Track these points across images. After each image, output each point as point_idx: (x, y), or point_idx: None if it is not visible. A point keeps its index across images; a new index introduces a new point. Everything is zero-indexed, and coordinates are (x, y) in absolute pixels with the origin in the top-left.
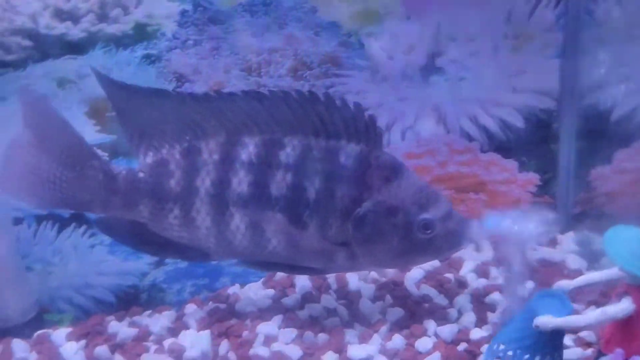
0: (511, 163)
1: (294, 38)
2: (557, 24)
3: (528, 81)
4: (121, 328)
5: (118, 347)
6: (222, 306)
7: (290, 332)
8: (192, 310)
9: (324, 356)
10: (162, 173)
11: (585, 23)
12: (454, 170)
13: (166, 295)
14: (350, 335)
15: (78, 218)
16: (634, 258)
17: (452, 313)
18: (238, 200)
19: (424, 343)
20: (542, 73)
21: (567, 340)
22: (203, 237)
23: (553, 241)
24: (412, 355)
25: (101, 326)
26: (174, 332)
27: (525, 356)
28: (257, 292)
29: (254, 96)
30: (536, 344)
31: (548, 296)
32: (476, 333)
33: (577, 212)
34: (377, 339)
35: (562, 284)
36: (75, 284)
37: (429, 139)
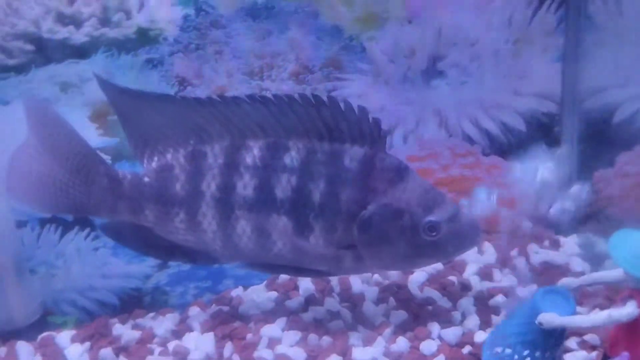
0: (513, 165)
1: (296, 42)
2: (558, 28)
3: (529, 85)
4: (125, 330)
5: (122, 350)
6: (226, 309)
7: (294, 335)
8: (196, 312)
9: (328, 359)
10: (168, 177)
11: (585, 27)
12: (457, 173)
13: (169, 297)
14: (354, 338)
15: (81, 221)
16: (639, 261)
17: (456, 316)
18: (243, 203)
19: (428, 346)
20: (544, 77)
21: (572, 343)
22: (209, 241)
23: (556, 243)
24: (417, 358)
25: (105, 329)
26: (178, 335)
27: (525, 352)
28: (260, 295)
29: (259, 100)
30: (537, 340)
31: (552, 293)
32: (480, 336)
33: (580, 215)
34: (381, 342)
35: (567, 282)
36: (78, 287)
37: (431, 143)
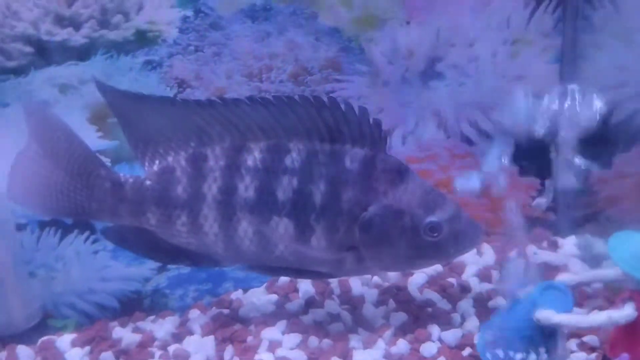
0: (512, 167)
1: (295, 44)
2: (555, 29)
3: (527, 86)
4: (125, 334)
5: (123, 353)
6: (226, 311)
7: (294, 338)
8: (196, 315)
9: None
10: (169, 180)
11: (582, 28)
12: (455, 174)
13: (169, 300)
14: (354, 340)
15: (81, 224)
16: (639, 263)
17: (456, 318)
18: (245, 205)
19: (429, 348)
20: (541, 77)
21: (572, 344)
22: (211, 243)
23: (554, 244)
24: None
25: (105, 332)
26: (178, 338)
27: (521, 345)
28: (260, 298)
29: (259, 102)
30: (534, 336)
31: (551, 288)
32: None
33: (579, 216)
34: (382, 344)
35: (566, 278)
36: (78, 290)
37: (430, 144)
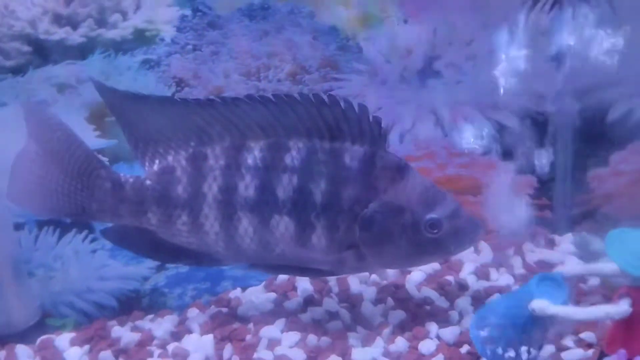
0: (509, 165)
1: (293, 42)
2: (552, 28)
3: (524, 84)
4: (124, 333)
5: (122, 352)
6: (224, 310)
7: (293, 336)
8: (195, 314)
9: (328, 359)
10: (169, 180)
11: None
12: (453, 172)
13: (167, 299)
14: (353, 338)
15: (79, 223)
16: (636, 260)
17: (454, 315)
18: (245, 204)
19: (427, 345)
20: (538, 76)
21: (568, 341)
22: (212, 242)
23: (551, 242)
24: (416, 357)
25: (104, 331)
26: (177, 337)
27: (514, 333)
28: (259, 296)
29: (258, 100)
30: (526, 325)
31: (547, 279)
32: None
33: (575, 214)
34: (380, 342)
35: (563, 270)
36: (76, 289)
37: (428, 142)
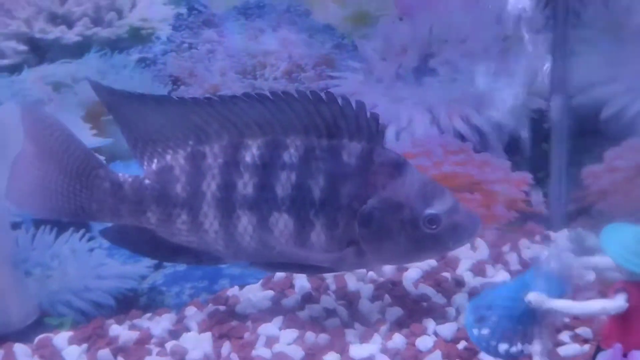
0: (504, 163)
1: (289, 41)
2: (546, 25)
3: (519, 81)
4: (122, 331)
5: (120, 351)
6: (222, 308)
7: (291, 333)
8: (192, 312)
9: (326, 356)
10: (168, 179)
11: (573, 24)
12: (449, 170)
13: (165, 298)
14: (351, 335)
15: (77, 223)
16: (631, 255)
17: (451, 312)
18: (244, 202)
19: (425, 342)
20: (533, 73)
21: (564, 336)
22: (212, 241)
23: (547, 239)
24: (413, 354)
25: (102, 329)
26: (175, 335)
27: (509, 324)
28: (256, 294)
29: (256, 98)
30: (523, 316)
31: (545, 271)
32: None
33: (570, 210)
34: (378, 339)
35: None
36: (74, 288)
37: (424, 140)
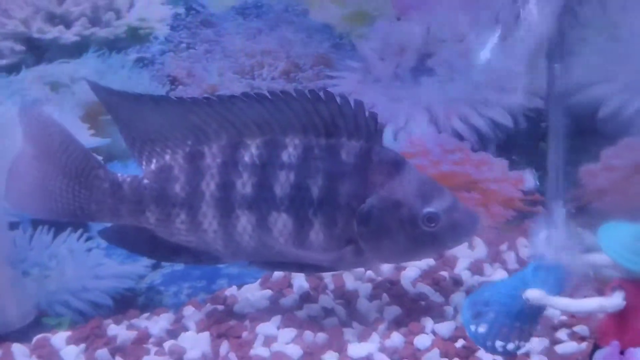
0: (502, 162)
1: (286, 40)
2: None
3: (516, 81)
4: (120, 331)
5: (118, 350)
6: (220, 308)
7: (289, 332)
8: (191, 312)
9: (325, 355)
10: (167, 179)
11: (570, 24)
12: (447, 169)
13: (163, 297)
14: (349, 334)
15: (76, 224)
16: (628, 253)
17: (449, 310)
18: (243, 202)
19: (423, 340)
20: (530, 73)
21: (562, 334)
22: (211, 240)
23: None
24: (411, 352)
25: (100, 329)
26: (174, 334)
27: (506, 321)
28: (255, 294)
29: (255, 98)
30: (520, 313)
31: (543, 268)
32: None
33: (567, 209)
34: (376, 337)
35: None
36: (72, 288)
37: (422, 139)
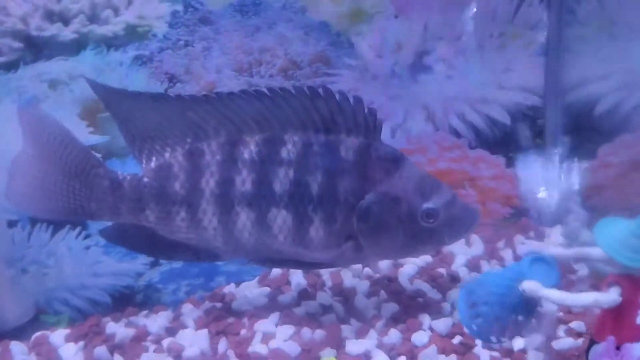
0: (499, 159)
1: (284, 38)
2: (541, 22)
3: (514, 78)
4: (119, 328)
5: (117, 348)
6: (219, 305)
7: (287, 329)
8: (189, 309)
9: (323, 352)
10: (167, 177)
11: (567, 21)
12: (444, 167)
13: (162, 295)
14: (347, 331)
15: (76, 222)
16: (623, 248)
17: (446, 307)
18: (243, 199)
19: (420, 337)
20: (527, 70)
21: (559, 330)
22: (211, 238)
23: (541, 234)
24: (409, 349)
25: (98, 327)
26: (172, 332)
27: (501, 312)
28: (253, 291)
29: (253, 95)
30: (516, 305)
31: (539, 260)
32: None
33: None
34: (374, 334)
35: (555, 252)
36: (70, 286)
37: (419, 137)
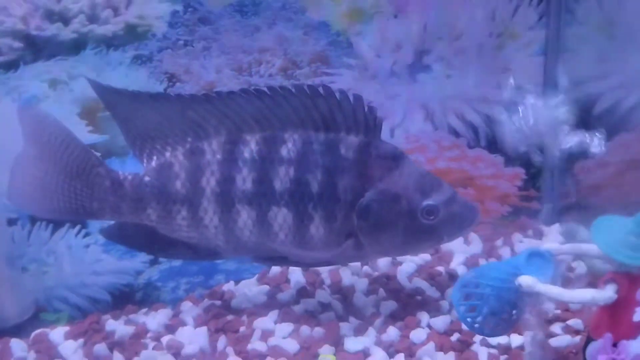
0: (497, 158)
1: (284, 38)
2: (540, 22)
3: (513, 78)
4: (118, 326)
5: (116, 345)
6: (218, 303)
7: (286, 327)
8: (188, 307)
9: (321, 349)
10: (168, 176)
11: (566, 21)
12: (443, 166)
13: (161, 293)
14: (345, 328)
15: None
16: (620, 246)
17: (444, 305)
18: (243, 197)
19: (418, 334)
20: (526, 70)
21: (556, 328)
22: (212, 236)
23: (539, 233)
24: (407, 346)
25: (98, 324)
26: (171, 329)
27: (496, 305)
28: (252, 289)
29: (253, 94)
30: (512, 299)
31: (535, 255)
32: None
33: (562, 205)
34: (373, 332)
35: (552, 247)
36: (70, 284)
37: (418, 136)
